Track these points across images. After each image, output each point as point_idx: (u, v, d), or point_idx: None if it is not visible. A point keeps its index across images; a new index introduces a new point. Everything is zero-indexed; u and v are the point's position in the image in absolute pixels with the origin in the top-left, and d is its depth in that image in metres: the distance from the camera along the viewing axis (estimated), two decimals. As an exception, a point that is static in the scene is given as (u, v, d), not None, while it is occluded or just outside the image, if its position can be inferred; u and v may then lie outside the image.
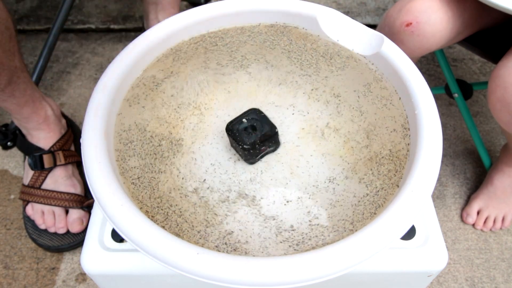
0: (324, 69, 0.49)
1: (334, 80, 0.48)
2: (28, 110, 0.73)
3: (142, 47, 0.48)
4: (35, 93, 0.74)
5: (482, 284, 0.76)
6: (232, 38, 0.52)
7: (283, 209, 0.40)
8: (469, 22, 0.63)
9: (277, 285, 0.33)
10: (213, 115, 0.46)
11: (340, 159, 0.42)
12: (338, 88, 0.47)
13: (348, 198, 0.40)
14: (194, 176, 0.42)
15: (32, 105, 0.73)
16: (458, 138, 0.95)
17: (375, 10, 1.22)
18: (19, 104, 0.71)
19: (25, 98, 0.72)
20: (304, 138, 0.44)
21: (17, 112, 0.73)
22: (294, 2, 0.51)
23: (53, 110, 0.78)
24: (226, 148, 0.44)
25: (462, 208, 0.85)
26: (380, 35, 0.48)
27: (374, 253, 0.34)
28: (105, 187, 0.37)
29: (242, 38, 0.52)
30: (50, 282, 0.76)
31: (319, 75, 0.49)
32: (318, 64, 0.49)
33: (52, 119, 0.78)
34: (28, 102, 0.73)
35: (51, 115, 0.78)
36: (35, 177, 0.77)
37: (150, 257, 0.34)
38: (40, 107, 0.75)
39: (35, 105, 0.74)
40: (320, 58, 0.50)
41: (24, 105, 0.72)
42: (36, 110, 0.75)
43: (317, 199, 0.40)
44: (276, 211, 0.39)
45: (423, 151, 0.39)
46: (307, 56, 0.50)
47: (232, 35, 0.52)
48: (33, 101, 0.73)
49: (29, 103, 0.73)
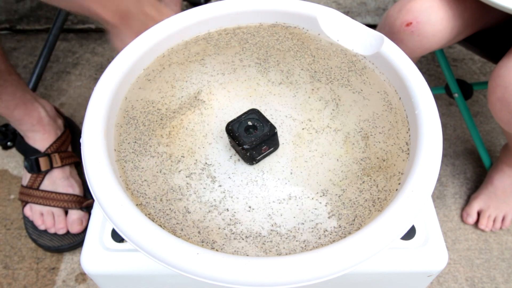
0: (325, 69, 0.49)
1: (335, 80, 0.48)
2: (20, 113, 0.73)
3: (142, 47, 0.48)
4: (26, 95, 0.73)
5: (482, 284, 0.76)
6: (232, 38, 0.52)
7: (283, 210, 0.40)
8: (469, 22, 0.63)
9: (277, 285, 0.33)
10: (213, 115, 0.46)
11: (340, 159, 0.42)
12: (339, 88, 0.47)
13: (348, 198, 0.40)
14: (194, 176, 0.42)
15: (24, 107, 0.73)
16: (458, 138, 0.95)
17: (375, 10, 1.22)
18: (8, 107, 0.71)
19: (15, 101, 0.71)
20: (304, 139, 0.44)
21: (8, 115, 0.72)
22: (294, 2, 0.51)
23: (46, 111, 0.78)
24: (226, 148, 0.44)
25: (462, 208, 0.85)
26: (380, 35, 0.48)
27: (374, 253, 0.34)
28: (105, 187, 0.37)
29: (242, 38, 0.52)
30: (50, 282, 0.76)
31: (319, 75, 0.49)
32: (317, 65, 0.49)
33: (46, 121, 0.77)
34: (19, 105, 0.72)
35: (44, 117, 0.77)
36: (33, 178, 0.77)
37: (150, 257, 0.34)
38: (32, 109, 0.74)
39: (27, 107, 0.73)
40: (320, 59, 0.50)
41: (14, 108, 0.71)
42: (28, 112, 0.74)
43: (317, 200, 0.40)
44: (276, 211, 0.39)
45: (423, 151, 0.39)
46: (307, 56, 0.50)
47: (232, 35, 0.52)
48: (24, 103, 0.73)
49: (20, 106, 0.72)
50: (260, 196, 0.40)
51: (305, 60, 0.50)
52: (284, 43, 0.51)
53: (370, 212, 0.39)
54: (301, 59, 0.50)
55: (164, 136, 0.44)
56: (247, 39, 0.52)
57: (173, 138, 0.44)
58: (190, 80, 0.49)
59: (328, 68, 0.49)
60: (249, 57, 0.51)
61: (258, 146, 0.41)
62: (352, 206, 0.39)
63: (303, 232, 0.38)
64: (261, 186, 0.41)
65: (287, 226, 0.38)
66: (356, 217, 0.38)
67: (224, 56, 0.51)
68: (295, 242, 0.37)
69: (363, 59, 0.49)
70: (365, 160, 0.42)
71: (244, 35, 0.52)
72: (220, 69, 0.50)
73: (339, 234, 0.37)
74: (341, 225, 0.38)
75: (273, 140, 0.42)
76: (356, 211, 0.39)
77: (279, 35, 0.52)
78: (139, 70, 0.49)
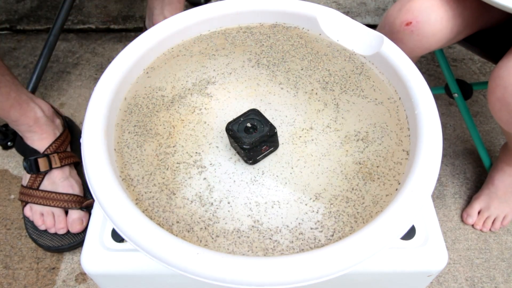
0: (325, 70, 0.49)
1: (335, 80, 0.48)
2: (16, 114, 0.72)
3: (142, 47, 0.48)
4: (22, 95, 0.72)
5: (482, 284, 0.76)
6: (232, 37, 0.52)
7: (283, 210, 0.40)
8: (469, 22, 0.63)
9: (277, 285, 0.33)
10: (213, 115, 0.46)
11: (340, 159, 0.42)
12: (338, 88, 0.47)
13: (348, 198, 0.40)
14: (194, 176, 0.42)
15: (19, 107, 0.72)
16: (458, 138, 0.95)
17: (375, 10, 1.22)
18: (3, 108, 0.70)
19: (10, 101, 0.70)
20: (304, 139, 0.44)
21: (5, 116, 0.71)
22: (294, 2, 0.51)
23: (43, 112, 0.77)
24: (226, 148, 0.44)
25: (462, 208, 0.85)
26: (380, 35, 0.48)
27: (374, 253, 0.34)
28: (105, 187, 0.37)
29: (242, 38, 0.52)
30: (50, 282, 0.76)
31: (319, 75, 0.49)
32: (318, 65, 0.49)
33: (43, 121, 0.76)
34: (14, 105, 0.71)
35: (41, 117, 0.76)
36: (33, 178, 0.77)
37: (150, 257, 0.34)
38: (28, 110, 0.74)
39: (22, 108, 0.72)
40: (320, 59, 0.50)
41: (10, 108, 0.71)
42: (24, 113, 0.73)
43: (317, 199, 0.40)
44: (276, 211, 0.39)
45: (423, 151, 0.39)
46: (307, 57, 0.50)
47: (232, 35, 0.52)
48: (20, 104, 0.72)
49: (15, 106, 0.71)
50: (260, 196, 0.40)
51: (306, 61, 0.50)
52: (285, 43, 0.51)
53: (370, 212, 0.39)
54: (301, 60, 0.50)
55: (163, 136, 0.44)
56: (247, 39, 0.52)
57: (173, 138, 0.44)
58: (190, 81, 0.49)
59: (328, 69, 0.49)
60: (249, 57, 0.51)
61: (258, 146, 0.41)
62: (352, 205, 0.39)
63: (303, 232, 0.38)
64: (261, 186, 0.41)
65: (287, 226, 0.38)
66: (356, 217, 0.38)
67: (224, 56, 0.51)
68: (295, 242, 0.37)
69: (363, 59, 0.49)
70: (365, 160, 0.42)
71: (244, 35, 0.52)
72: (220, 69, 0.50)
73: (339, 234, 0.38)
74: (341, 225, 0.38)
75: (273, 140, 0.42)
76: (356, 210, 0.39)
77: (279, 34, 0.52)
78: (139, 70, 0.49)
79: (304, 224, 0.38)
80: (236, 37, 0.52)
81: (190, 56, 0.51)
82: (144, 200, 0.40)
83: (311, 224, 0.38)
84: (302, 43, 0.51)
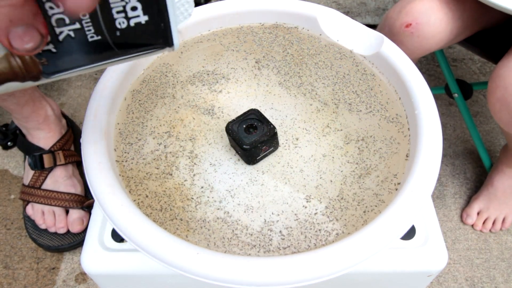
0: (325, 70, 0.49)
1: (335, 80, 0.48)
2: (28, 110, 0.73)
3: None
4: (35, 92, 0.74)
5: (482, 284, 0.76)
6: (232, 37, 0.52)
7: (283, 209, 0.40)
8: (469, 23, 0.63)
9: (277, 285, 0.33)
10: (213, 115, 0.46)
11: (341, 159, 0.43)
12: (338, 88, 0.47)
13: (348, 198, 0.40)
14: (194, 176, 0.42)
15: (32, 104, 0.73)
16: (458, 138, 0.95)
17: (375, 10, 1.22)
18: (19, 103, 0.71)
19: (25, 97, 0.72)
20: (304, 139, 0.44)
21: (17, 111, 0.73)
22: (294, 2, 0.52)
23: (53, 110, 0.78)
24: (226, 148, 0.44)
25: (462, 208, 0.85)
26: (380, 35, 0.48)
27: (374, 253, 0.34)
28: (105, 187, 0.37)
29: (242, 38, 0.52)
30: (50, 282, 0.76)
31: (319, 75, 0.49)
32: (318, 65, 0.49)
33: (52, 119, 0.78)
34: (28, 102, 0.73)
35: (51, 115, 0.78)
36: (35, 177, 0.77)
37: (150, 257, 0.34)
38: (40, 107, 0.75)
39: (35, 105, 0.74)
40: (320, 59, 0.50)
41: (24, 104, 0.72)
42: (36, 110, 0.75)
43: (317, 200, 0.40)
44: (276, 211, 0.39)
45: (423, 151, 0.39)
46: (307, 57, 0.50)
47: (232, 35, 0.52)
48: (33, 101, 0.73)
49: (29, 103, 0.73)
50: (260, 196, 0.40)
51: (306, 61, 0.50)
52: (285, 43, 0.51)
53: (371, 212, 0.39)
54: (301, 59, 0.50)
55: (163, 136, 0.44)
56: (247, 39, 0.52)
57: (173, 138, 0.44)
58: (190, 81, 0.49)
59: (328, 69, 0.49)
60: (248, 57, 0.51)
61: (258, 146, 0.41)
62: (353, 205, 0.39)
63: (303, 232, 0.38)
64: (261, 186, 0.41)
65: (287, 226, 0.38)
66: (356, 217, 0.38)
67: (224, 56, 0.51)
68: (295, 242, 0.37)
69: (363, 59, 0.49)
70: (364, 160, 0.42)
71: (244, 35, 0.52)
72: (220, 69, 0.50)
73: (338, 234, 0.38)
74: (341, 225, 0.38)
75: (273, 140, 0.42)
76: (356, 211, 0.39)
77: (279, 34, 0.52)
78: (139, 70, 0.49)
79: (304, 224, 0.38)
80: (236, 37, 0.52)
81: (190, 56, 0.51)
82: (144, 200, 0.40)
83: (311, 224, 0.38)
84: (302, 43, 0.51)
